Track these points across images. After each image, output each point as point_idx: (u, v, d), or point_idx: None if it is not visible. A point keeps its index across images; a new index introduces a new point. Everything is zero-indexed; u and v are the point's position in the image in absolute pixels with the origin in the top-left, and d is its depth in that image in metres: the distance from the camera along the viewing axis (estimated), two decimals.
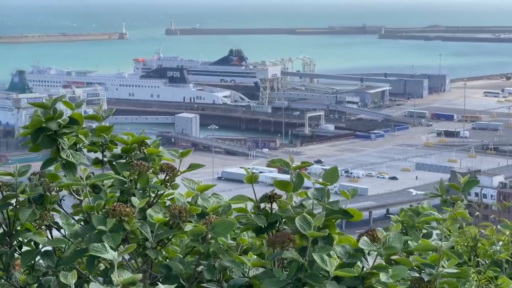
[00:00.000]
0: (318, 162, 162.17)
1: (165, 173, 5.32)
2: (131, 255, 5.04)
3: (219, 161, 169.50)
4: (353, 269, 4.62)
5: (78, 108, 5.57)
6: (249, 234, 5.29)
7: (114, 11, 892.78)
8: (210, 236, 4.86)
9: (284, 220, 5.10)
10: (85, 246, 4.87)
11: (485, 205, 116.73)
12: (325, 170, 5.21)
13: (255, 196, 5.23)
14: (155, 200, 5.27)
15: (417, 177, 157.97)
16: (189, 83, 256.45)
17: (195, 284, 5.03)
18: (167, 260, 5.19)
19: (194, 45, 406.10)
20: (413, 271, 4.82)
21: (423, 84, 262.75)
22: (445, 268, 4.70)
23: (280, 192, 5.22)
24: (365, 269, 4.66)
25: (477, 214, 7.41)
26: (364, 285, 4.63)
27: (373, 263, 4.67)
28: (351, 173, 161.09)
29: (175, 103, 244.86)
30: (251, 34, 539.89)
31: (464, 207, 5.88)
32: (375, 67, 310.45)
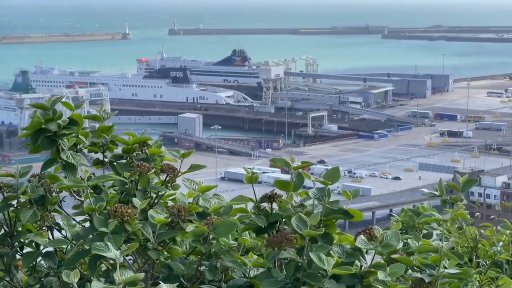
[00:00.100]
0: (321, 162, 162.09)
1: (166, 173, 5.31)
2: (133, 256, 5.04)
3: (222, 161, 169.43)
4: (351, 267, 4.61)
5: (78, 108, 5.57)
6: (251, 235, 5.29)
7: (116, 11, 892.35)
8: (211, 236, 4.84)
9: (284, 220, 5.09)
10: (87, 247, 4.86)
11: (487, 205, 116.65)
12: (327, 170, 5.22)
13: (255, 196, 5.23)
14: (156, 201, 5.26)
15: (420, 177, 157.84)
16: (192, 83, 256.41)
17: (196, 285, 5.03)
18: (168, 261, 5.19)
19: (197, 46, 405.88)
20: (414, 271, 4.81)
21: (426, 84, 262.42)
22: (446, 269, 4.70)
23: (281, 192, 5.22)
24: (363, 267, 4.66)
25: (477, 215, 7.40)
26: (363, 284, 4.62)
27: (371, 261, 4.66)
28: (354, 173, 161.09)
29: (178, 103, 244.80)
30: (254, 34, 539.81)
31: (465, 207, 5.87)
32: (378, 67, 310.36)
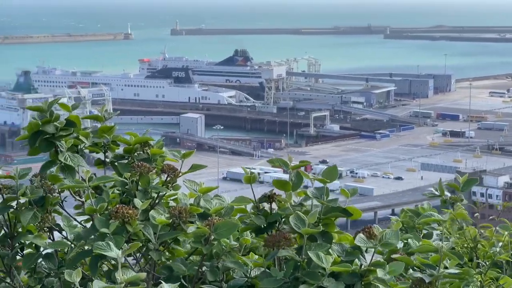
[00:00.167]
0: (323, 162, 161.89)
1: (167, 174, 5.32)
2: (134, 256, 5.04)
3: (224, 161, 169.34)
4: (349, 265, 4.62)
5: (75, 109, 5.57)
6: (251, 235, 5.30)
7: (117, 11, 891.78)
8: (213, 237, 4.84)
9: (283, 219, 5.10)
10: (88, 248, 4.86)
11: (489, 205, 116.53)
12: (325, 168, 5.23)
13: (254, 196, 5.23)
14: (157, 201, 5.26)
15: (422, 177, 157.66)
16: (194, 83, 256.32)
17: (198, 285, 5.03)
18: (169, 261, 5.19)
19: (199, 46, 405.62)
20: (415, 271, 4.81)
21: (428, 84, 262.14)
22: (446, 269, 4.70)
23: (280, 192, 5.22)
24: (363, 266, 4.67)
25: (476, 215, 7.39)
26: (362, 282, 4.62)
27: (371, 260, 4.67)
28: (356, 173, 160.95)
29: (180, 103, 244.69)
30: (255, 34, 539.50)
31: (465, 207, 5.87)
32: (380, 67, 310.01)
